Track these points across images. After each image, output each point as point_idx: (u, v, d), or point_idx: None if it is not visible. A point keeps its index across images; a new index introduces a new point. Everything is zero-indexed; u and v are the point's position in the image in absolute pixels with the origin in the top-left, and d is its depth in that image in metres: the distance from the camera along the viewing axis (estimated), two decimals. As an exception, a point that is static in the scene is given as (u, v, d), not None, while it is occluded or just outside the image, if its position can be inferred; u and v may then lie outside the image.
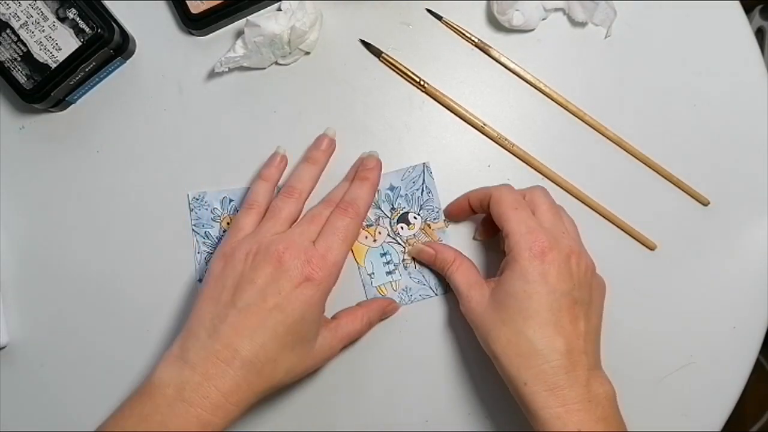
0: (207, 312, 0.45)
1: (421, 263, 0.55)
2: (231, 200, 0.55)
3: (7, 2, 0.53)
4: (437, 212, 0.55)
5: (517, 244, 0.46)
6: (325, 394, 0.54)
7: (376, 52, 0.56)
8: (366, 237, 0.55)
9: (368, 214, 0.55)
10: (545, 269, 0.45)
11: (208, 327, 0.45)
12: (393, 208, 0.55)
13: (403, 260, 0.55)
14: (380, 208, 0.55)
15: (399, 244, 0.55)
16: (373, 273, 0.55)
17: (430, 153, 0.56)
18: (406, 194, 0.55)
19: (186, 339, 0.45)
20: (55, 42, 0.53)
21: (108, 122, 0.57)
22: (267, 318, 0.44)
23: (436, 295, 0.54)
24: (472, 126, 0.56)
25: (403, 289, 0.55)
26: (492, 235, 0.54)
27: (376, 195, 0.55)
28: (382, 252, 0.55)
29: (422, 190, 0.55)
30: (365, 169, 0.53)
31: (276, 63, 0.56)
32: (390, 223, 0.55)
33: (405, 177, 0.55)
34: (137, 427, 0.42)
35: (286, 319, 0.45)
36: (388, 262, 0.55)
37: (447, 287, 0.54)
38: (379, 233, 0.55)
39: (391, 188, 0.55)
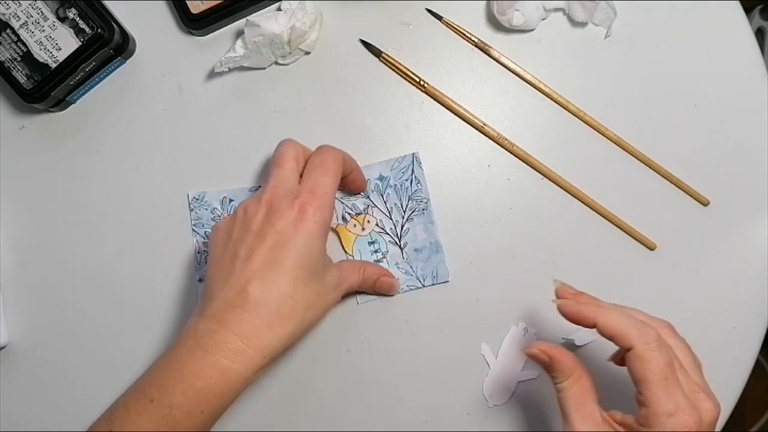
0: (216, 272, 0.46)
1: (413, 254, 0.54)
2: (231, 200, 0.55)
3: (7, 2, 0.53)
4: (425, 203, 0.55)
5: (660, 425, 0.40)
6: (324, 394, 0.54)
7: (376, 52, 0.56)
8: (354, 225, 0.55)
9: (357, 203, 0.55)
10: None
11: (219, 282, 0.45)
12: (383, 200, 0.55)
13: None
14: (369, 198, 0.55)
15: (387, 233, 0.55)
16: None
17: (430, 153, 0.55)
18: (395, 184, 0.55)
19: (203, 301, 0.46)
20: (55, 42, 0.53)
21: (108, 122, 0.57)
22: (270, 255, 0.44)
23: (423, 286, 0.54)
24: (471, 126, 0.56)
25: None
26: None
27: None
28: (370, 240, 0.55)
29: (411, 180, 0.55)
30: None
31: (276, 63, 0.56)
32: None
33: (394, 167, 0.55)
34: (158, 376, 0.44)
35: (290, 252, 0.44)
36: (376, 251, 0.55)
37: (434, 278, 0.54)
38: (368, 222, 0.55)
39: (380, 178, 0.55)
